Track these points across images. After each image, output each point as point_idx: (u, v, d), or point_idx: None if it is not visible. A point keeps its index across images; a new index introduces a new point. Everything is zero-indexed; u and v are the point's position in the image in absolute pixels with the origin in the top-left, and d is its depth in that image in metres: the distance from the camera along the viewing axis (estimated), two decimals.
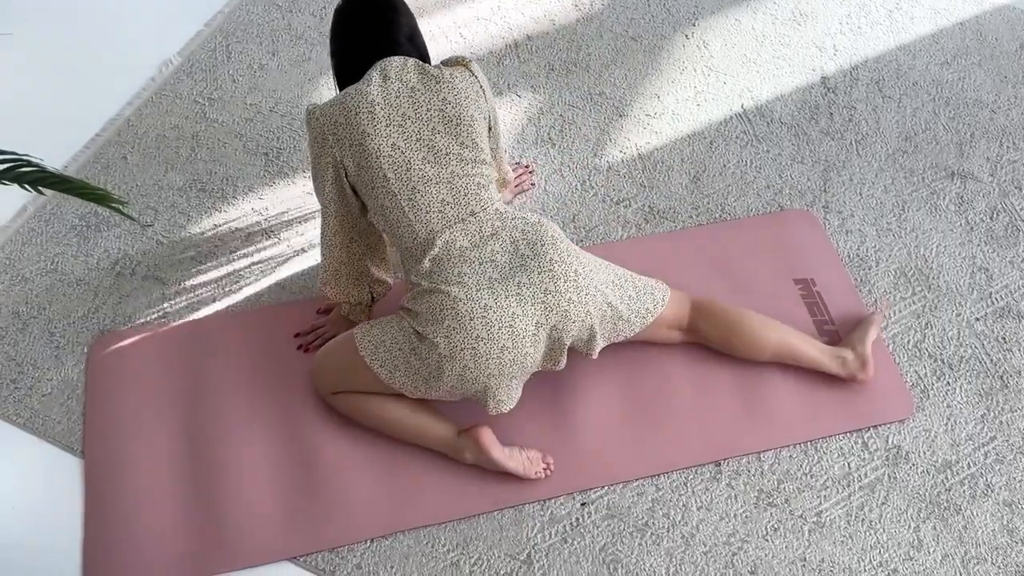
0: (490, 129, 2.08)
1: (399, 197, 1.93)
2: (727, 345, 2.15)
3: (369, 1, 2.04)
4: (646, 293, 2.04)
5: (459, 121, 1.95)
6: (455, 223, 1.93)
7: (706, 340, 2.16)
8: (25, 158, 1.46)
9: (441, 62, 2.04)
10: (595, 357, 2.01)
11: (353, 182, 1.99)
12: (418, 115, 1.94)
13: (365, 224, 2.07)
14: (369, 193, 1.97)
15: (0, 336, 2.27)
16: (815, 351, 2.14)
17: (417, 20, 2.10)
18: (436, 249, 1.91)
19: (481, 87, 2.02)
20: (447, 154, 1.94)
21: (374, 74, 1.96)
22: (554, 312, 1.89)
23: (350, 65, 2.02)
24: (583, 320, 1.91)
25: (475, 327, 1.84)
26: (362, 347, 1.96)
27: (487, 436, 1.97)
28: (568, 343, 1.94)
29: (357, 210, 2.04)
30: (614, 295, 1.97)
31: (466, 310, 1.85)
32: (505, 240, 1.92)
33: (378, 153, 1.92)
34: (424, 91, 1.95)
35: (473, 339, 1.85)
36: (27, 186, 1.47)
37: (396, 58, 1.98)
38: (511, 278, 1.88)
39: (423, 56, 2.06)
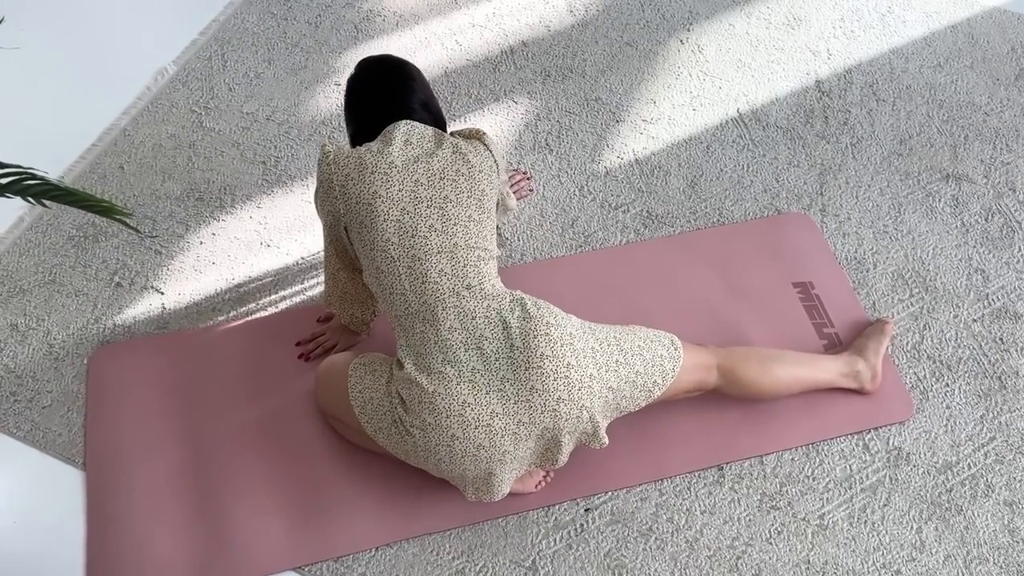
0: (498, 204, 2.05)
1: (398, 263, 1.87)
2: (748, 401, 2.13)
3: (382, 69, 2.04)
4: (654, 366, 1.92)
5: (471, 194, 1.91)
6: (450, 296, 1.84)
7: (726, 397, 2.11)
8: (29, 171, 1.45)
9: (455, 132, 2.02)
10: (607, 444, 1.90)
11: (352, 238, 1.95)
12: (431, 182, 1.89)
13: (364, 278, 2.03)
14: (367, 254, 1.91)
15: None
16: (834, 377, 2.13)
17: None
18: (426, 325, 1.84)
19: (495, 161, 1.99)
20: (455, 224, 1.88)
21: (396, 134, 1.92)
22: (543, 412, 1.79)
23: (365, 132, 2.00)
24: (578, 416, 1.82)
25: (451, 425, 1.78)
26: (352, 395, 1.92)
27: None
28: (567, 441, 1.85)
29: (355, 254, 2.00)
30: (615, 378, 1.86)
31: (444, 406, 1.78)
32: (496, 326, 1.82)
33: (386, 216, 1.87)
34: (441, 161, 1.91)
35: (448, 437, 1.79)
36: (31, 199, 1.47)
37: (417, 124, 1.96)
38: (495, 372, 1.80)
39: (439, 122, 2.04)
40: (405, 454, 1.90)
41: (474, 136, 2.01)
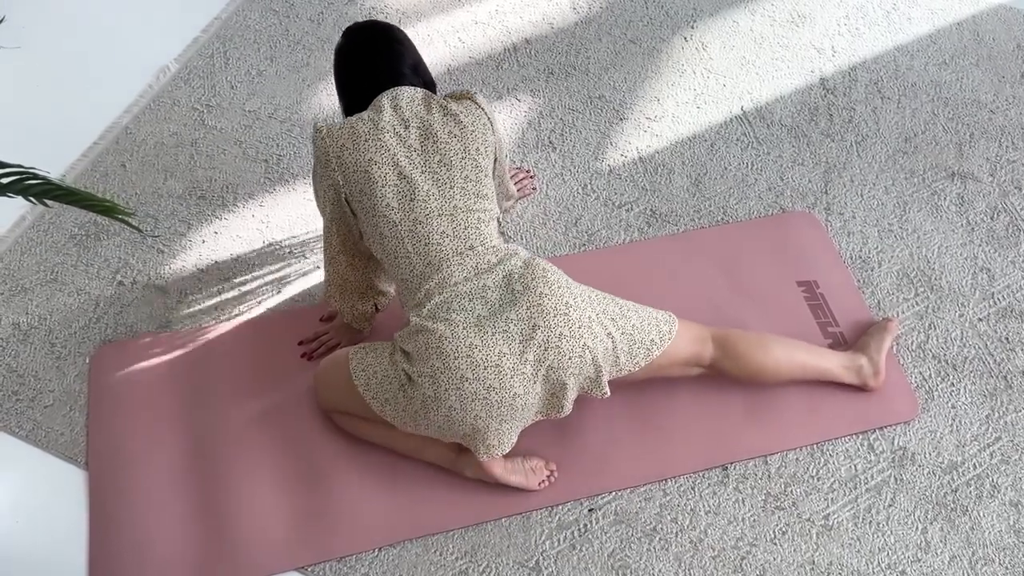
0: (495, 161, 2.06)
1: (400, 227, 1.90)
2: (749, 381, 2.12)
3: (370, 35, 2.04)
4: (651, 325, 1.95)
5: (465, 154, 1.94)
6: (453, 256, 1.89)
7: (727, 376, 2.10)
8: (31, 171, 1.44)
9: (446, 95, 2.03)
10: (608, 395, 1.92)
11: (354, 208, 1.97)
12: (425, 147, 1.93)
13: (367, 244, 2.05)
14: (369, 220, 1.94)
15: (1, 347, 2.26)
16: (834, 367, 2.13)
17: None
18: (431, 283, 1.88)
19: (488, 120, 2.00)
20: (452, 186, 1.92)
21: (385, 102, 1.95)
22: (547, 349, 1.82)
23: (358, 100, 2.00)
24: (581, 355, 1.84)
25: (460, 366, 1.80)
26: (355, 375, 1.93)
27: None
28: (571, 385, 1.87)
29: (358, 231, 2.02)
30: (613, 326, 1.90)
31: (451, 349, 1.80)
32: (498, 276, 1.87)
33: (384, 181, 1.90)
34: (432, 123, 1.94)
35: (458, 379, 1.80)
36: (32, 199, 1.46)
37: (407, 88, 1.97)
38: (500, 315, 1.83)
39: (429, 85, 2.05)
40: (414, 419, 1.88)
41: (465, 97, 2.02)
